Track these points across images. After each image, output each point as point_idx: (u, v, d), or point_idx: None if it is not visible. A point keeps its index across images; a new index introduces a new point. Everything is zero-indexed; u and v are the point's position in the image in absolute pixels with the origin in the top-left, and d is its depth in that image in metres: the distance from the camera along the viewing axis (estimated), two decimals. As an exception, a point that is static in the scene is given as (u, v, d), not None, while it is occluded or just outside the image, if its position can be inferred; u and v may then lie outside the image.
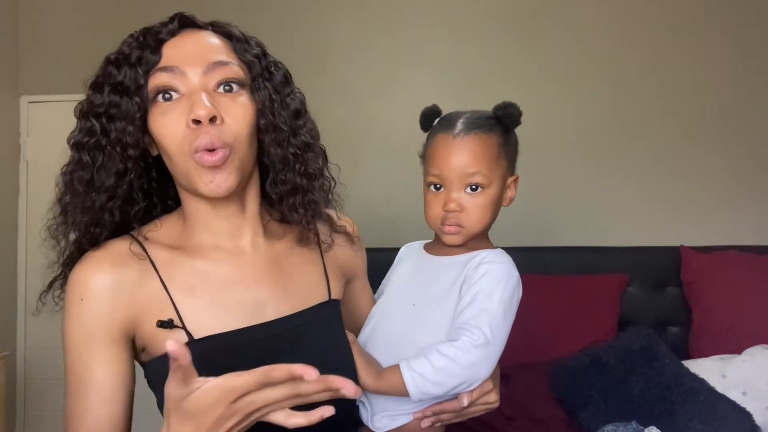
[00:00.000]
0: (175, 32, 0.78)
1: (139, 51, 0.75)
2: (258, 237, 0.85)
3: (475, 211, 0.88)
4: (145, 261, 0.78)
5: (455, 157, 0.87)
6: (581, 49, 2.57)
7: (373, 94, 2.64)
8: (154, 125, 0.76)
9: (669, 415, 1.65)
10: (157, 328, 0.75)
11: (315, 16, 2.70)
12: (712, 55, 2.51)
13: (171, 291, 0.77)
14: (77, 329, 0.74)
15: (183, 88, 0.75)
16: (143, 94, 0.75)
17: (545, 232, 2.53)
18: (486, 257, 0.87)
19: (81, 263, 0.76)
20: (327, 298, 0.88)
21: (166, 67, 0.75)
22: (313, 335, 0.83)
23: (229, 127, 0.74)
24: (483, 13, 2.62)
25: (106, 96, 0.75)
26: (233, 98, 0.76)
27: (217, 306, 0.77)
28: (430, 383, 0.80)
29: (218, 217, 0.81)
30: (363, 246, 1.03)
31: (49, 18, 2.84)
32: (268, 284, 0.82)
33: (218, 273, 0.80)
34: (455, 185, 0.88)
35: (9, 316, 2.77)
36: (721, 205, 2.49)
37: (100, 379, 0.74)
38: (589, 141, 2.56)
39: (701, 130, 2.51)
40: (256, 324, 0.78)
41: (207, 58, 0.75)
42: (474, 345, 0.80)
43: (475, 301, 0.83)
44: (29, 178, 2.82)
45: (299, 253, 0.89)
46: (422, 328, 0.87)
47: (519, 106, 0.90)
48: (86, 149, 0.76)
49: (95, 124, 0.76)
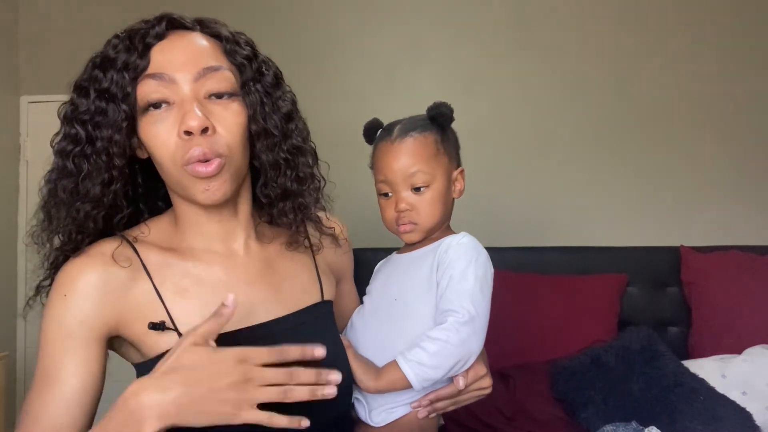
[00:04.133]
0: (163, 35, 0.75)
1: (126, 55, 0.73)
2: (250, 240, 0.85)
3: (425, 208, 0.94)
4: (136, 262, 0.76)
5: (395, 161, 0.93)
6: (582, 48, 2.57)
7: (373, 94, 2.64)
8: (144, 134, 0.74)
9: (669, 415, 1.65)
10: (148, 330, 0.74)
11: (315, 16, 2.70)
12: (712, 55, 2.51)
13: (162, 293, 0.76)
14: (57, 324, 0.73)
15: (173, 96, 0.73)
16: (130, 101, 0.73)
17: (545, 232, 2.53)
18: (452, 241, 0.92)
19: (70, 261, 0.75)
20: (320, 299, 0.88)
21: (155, 74, 0.72)
22: (308, 336, 0.81)
23: (221, 136, 0.73)
24: (483, 13, 2.62)
25: (92, 102, 0.73)
26: (225, 105, 0.75)
27: (209, 308, 0.75)
28: (429, 368, 0.83)
29: (210, 221, 0.81)
30: (350, 248, 1.03)
31: (49, 18, 2.84)
32: (261, 287, 0.82)
33: (210, 275, 0.79)
34: (401, 186, 0.94)
35: (9, 316, 2.77)
36: (721, 205, 2.49)
37: (69, 379, 0.72)
38: (589, 141, 2.56)
39: (701, 130, 2.51)
40: (249, 326, 0.78)
41: (197, 64, 0.73)
42: (461, 323, 0.84)
43: (452, 282, 0.87)
44: (29, 178, 2.82)
45: (291, 255, 0.88)
46: (409, 320, 0.90)
47: (450, 104, 0.96)
48: (71, 157, 0.74)
49: (80, 132, 0.74)
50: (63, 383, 0.72)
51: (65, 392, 0.72)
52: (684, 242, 2.35)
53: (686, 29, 2.52)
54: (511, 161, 2.57)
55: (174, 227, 0.82)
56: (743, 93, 2.49)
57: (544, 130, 2.57)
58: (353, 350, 0.90)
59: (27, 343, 2.81)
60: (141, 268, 0.76)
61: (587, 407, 1.76)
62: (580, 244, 2.47)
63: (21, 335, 2.81)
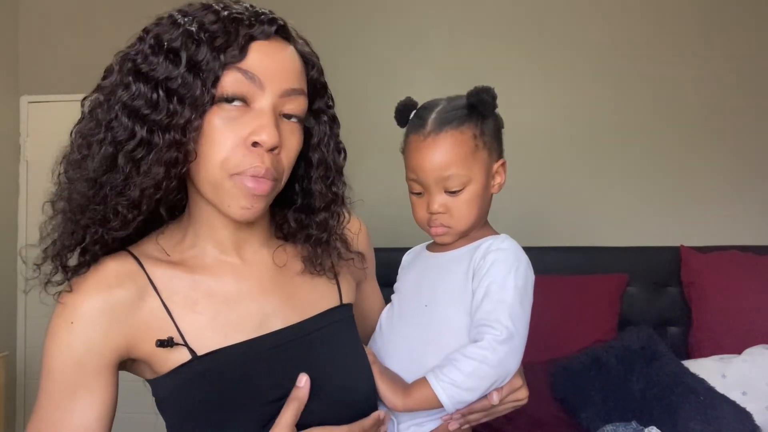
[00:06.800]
0: (269, 35, 0.70)
1: (225, 37, 0.66)
2: (263, 248, 0.81)
3: (460, 210, 0.85)
4: (142, 278, 0.72)
5: (428, 161, 0.83)
6: (581, 49, 2.57)
7: (373, 94, 2.64)
8: (207, 125, 0.67)
9: (669, 415, 1.65)
10: (157, 348, 0.70)
11: (315, 16, 2.70)
12: (712, 55, 2.50)
13: (171, 308, 0.72)
14: (66, 353, 0.68)
15: (255, 101, 0.68)
16: (212, 87, 0.66)
17: (545, 232, 2.53)
18: (491, 245, 0.83)
19: (74, 284, 0.71)
20: (338, 302, 0.84)
21: (249, 72, 0.67)
22: (325, 341, 0.79)
23: (282, 160, 0.71)
24: (483, 13, 2.63)
25: (183, 70, 0.65)
26: (293, 129, 0.72)
27: (220, 320, 0.73)
28: (463, 390, 0.77)
29: (226, 228, 0.77)
30: (371, 246, 1.00)
31: (49, 18, 2.84)
32: (275, 295, 0.79)
33: (221, 287, 0.76)
34: (434, 189, 0.85)
35: (9, 316, 2.77)
36: (721, 205, 2.48)
37: (82, 411, 0.68)
38: (589, 140, 2.56)
39: (701, 130, 2.51)
40: (261, 335, 0.74)
41: (288, 82, 0.70)
42: (499, 342, 0.76)
43: (489, 293, 0.79)
44: (29, 178, 2.82)
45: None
46: (439, 328, 0.83)
47: (493, 90, 0.85)
48: (144, 124, 0.65)
49: (162, 97, 0.65)
50: (77, 417, 0.69)
51: (84, 424, 0.69)
52: (684, 242, 2.35)
53: (687, 30, 2.52)
54: (510, 161, 2.56)
55: (183, 236, 0.78)
56: (743, 94, 2.49)
57: (544, 129, 2.57)
58: (379, 366, 0.83)
59: (27, 343, 2.81)
60: (148, 284, 0.72)
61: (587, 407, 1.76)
62: (580, 244, 2.47)
63: (21, 335, 2.81)
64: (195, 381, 0.70)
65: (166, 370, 0.71)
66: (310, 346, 0.77)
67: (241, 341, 0.72)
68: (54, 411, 0.69)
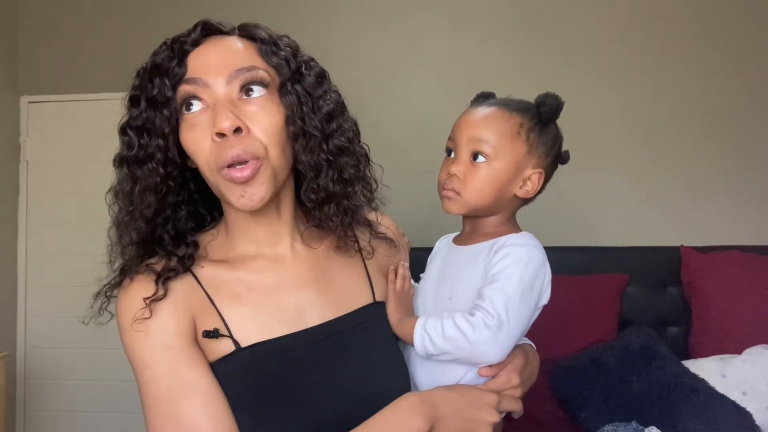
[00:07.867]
0: (198, 41, 0.76)
1: (168, 62, 0.74)
2: (297, 243, 0.84)
3: (474, 182, 0.86)
4: (188, 277, 0.77)
5: (468, 120, 0.89)
6: (582, 49, 2.57)
7: (373, 94, 2.64)
8: (183, 140, 0.74)
9: (669, 415, 1.65)
10: (203, 338, 0.74)
11: (315, 15, 2.70)
12: (712, 55, 2.51)
13: (216, 301, 0.76)
14: (151, 343, 0.72)
15: (207, 99, 0.73)
16: (171, 107, 0.73)
17: (545, 232, 2.52)
18: (508, 240, 0.85)
19: (126, 285, 0.75)
20: (371, 300, 0.87)
21: (190, 79, 0.73)
22: (360, 339, 0.82)
23: (256, 137, 0.72)
24: (484, 13, 2.62)
25: (143, 111, 0.74)
26: (260, 105, 0.74)
27: (261, 313, 0.77)
28: (433, 347, 0.81)
29: (257, 225, 0.81)
30: (408, 247, 1.01)
31: (49, 18, 2.84)
32: (310, 289, 0.82)
33: (261, 281, 0.79)
34: (462, 149, 0.88)
35: (9, 316, 2.77)
36: (721, 205, 2.49)
37: (193, 380, 0.71)
38: (589, 140, 2.56)
39: (701, 131, 2.51)
40: (301, 330, 0.78)
41: (230, 67, 0.73)
42: (486, 324, 0.78)
43: (494, 281, 0.81)
44: (29, 178, 2.82)
45: (339, 257, 0.87)
46: None
47: (560, 98, 0.91)
48: (128, 165, 0.75)
49: (133, 139, 0.74)
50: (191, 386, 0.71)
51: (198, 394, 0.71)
52: (684, 242, 2.35)
53: (687, 30, 2.52)
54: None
55: (225, 235, 0.83)
56: (743, 94, 2.49)
57: (544, 130, 2.57)
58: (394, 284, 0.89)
59: (27, 343, 2.81)
60: (195, 281, 0.77)
61: (587, 407, 1.76)
62: (580, 244, 2.47)
63: (21, 335, 2.81)
64: (238, 373, 0.74)
65: (212, 360, 0.74)
66: (346, 342, 0.80)
67: (282, 335, 0.76)
68: (166, 394, 0.71)
